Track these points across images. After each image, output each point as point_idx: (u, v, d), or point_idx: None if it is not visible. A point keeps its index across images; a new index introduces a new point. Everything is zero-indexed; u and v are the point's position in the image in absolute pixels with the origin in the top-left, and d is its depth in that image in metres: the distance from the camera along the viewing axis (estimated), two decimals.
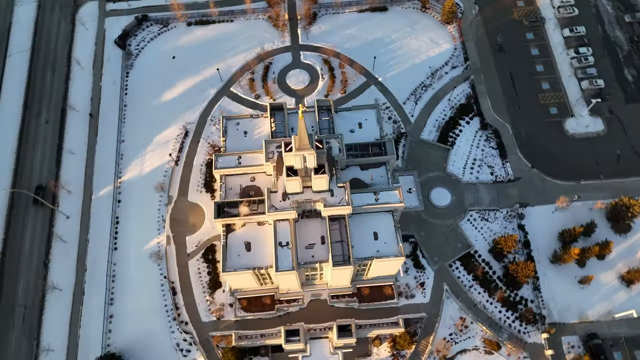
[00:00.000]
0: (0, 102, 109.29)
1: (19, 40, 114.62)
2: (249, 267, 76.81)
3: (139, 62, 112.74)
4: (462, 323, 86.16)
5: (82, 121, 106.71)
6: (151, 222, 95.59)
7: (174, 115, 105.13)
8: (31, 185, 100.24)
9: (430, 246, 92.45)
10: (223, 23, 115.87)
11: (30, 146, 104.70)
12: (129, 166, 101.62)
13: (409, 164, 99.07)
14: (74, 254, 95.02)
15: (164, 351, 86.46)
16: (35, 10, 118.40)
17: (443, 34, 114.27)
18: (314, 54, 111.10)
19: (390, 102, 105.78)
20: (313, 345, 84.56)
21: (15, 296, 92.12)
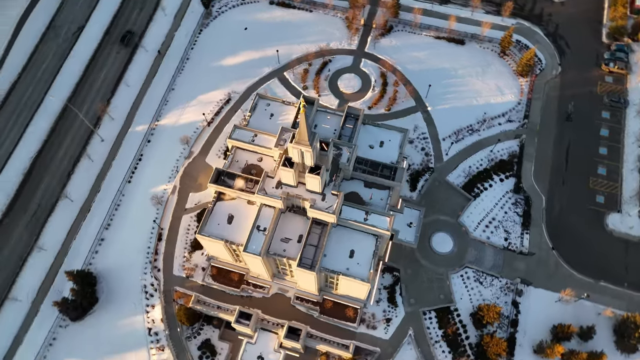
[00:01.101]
0: (89, 23, 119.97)
1: None
2: (223, 238, 78.63)
3: (214, 23, 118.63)
4: None
5: (147, 61, 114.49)
6: (166, 169, 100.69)
7: (224, 80, 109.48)
8: (84, 103, 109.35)
9: (412, 287, 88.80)
10: (302, 11, 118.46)
11: (97, 68, 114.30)
12: (169, 113, 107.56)
13: (423, 200, 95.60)
14: (95, 174, 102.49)
15: (131, 287, 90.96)
16: None
17: (512, 85, 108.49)
18: (374, 65, 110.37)
19: (430, 133, 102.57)
20: (261, 335, 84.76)
21: (35, 193, 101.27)
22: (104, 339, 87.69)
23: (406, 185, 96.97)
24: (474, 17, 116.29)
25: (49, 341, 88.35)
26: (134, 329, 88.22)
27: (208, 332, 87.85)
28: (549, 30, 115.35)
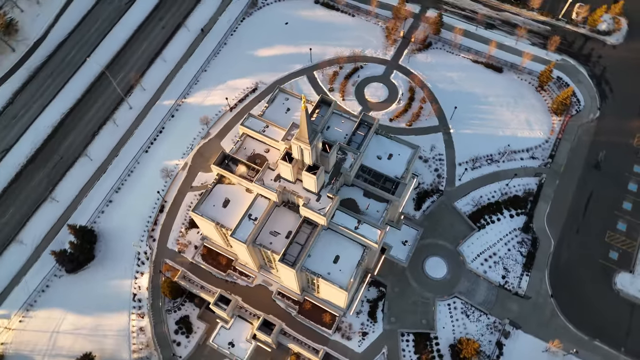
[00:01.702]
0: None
1: None
2: (215, 220, 79.85)
3: (258, 14, 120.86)
4: None
5: (187, 40, 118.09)
6: (182, 145, 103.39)
7: (255, 70, 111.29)
8: (120, 71, 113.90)
9: (396, 305, 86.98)
10: (344, 14, 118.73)
11: (140, 40, 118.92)
12: (196, 92, 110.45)
13: (426, 221, 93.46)
14: (117, 139, 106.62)
15: (126, 251, 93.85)
16: None
17: (543, 121, 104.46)
18: (404, 78, 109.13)
19: (447, 156, 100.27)
20: (237, 322, 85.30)
21: (59, 147, 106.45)
22: (92, 295, 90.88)
23: (411, 203, 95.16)
24: (517, 46, 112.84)
25: (42, 287, 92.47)
26: (120, 292, 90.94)
27: (188, 309, 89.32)
28: (594, 72, 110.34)
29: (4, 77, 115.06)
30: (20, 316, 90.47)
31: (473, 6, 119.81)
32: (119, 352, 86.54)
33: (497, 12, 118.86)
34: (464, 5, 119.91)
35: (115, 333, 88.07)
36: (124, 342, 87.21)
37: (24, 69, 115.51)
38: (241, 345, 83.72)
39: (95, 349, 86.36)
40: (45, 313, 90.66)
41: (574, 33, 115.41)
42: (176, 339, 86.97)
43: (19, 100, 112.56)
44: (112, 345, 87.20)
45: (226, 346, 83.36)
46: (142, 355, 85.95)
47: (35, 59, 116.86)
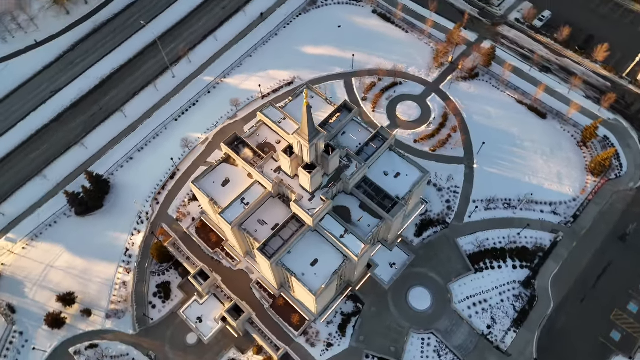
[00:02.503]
0: None
1: None
2: (209, 195, 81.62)
3: (315, 12, 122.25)
4: None
5: (242, 24, 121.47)
6: (208, 121, 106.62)
7: (296, 65, 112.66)
8: (173, 42, 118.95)
9: (368, 325, 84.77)
10: (398, 28, 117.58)
11: (197, 17, 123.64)
12: (236, 75, 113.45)
13: (422, 250, 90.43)
14: (153, 103, 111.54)
15: (131, 208, 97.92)
16: None
17: (576, 178, 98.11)
18: (441, 103, 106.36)
19: (463, 190, 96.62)
20: (210, 300, 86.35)
21: (101, 98, 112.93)
22: (91, 240, 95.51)
23: (413, 229, 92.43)
24: (569, 95, 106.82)
25: (51, 222, 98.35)
26: (116, 244, 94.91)
27: (172, 276, 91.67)
28: None
29: (73, 25, 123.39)
30: (24, 243, 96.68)
31: (533, 46, 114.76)
32: (99, 299, 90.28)
33: (557, 57, 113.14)
34: (524, 44, 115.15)
35: (100, 280, 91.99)
36: (105, 291, 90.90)
37: (90, 22, 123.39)
38: (208, 323, 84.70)
39: (79, 290, 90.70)
40: (47, 246, 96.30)
41: (635, 95, 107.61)
42: (153, 302, 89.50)
43: (79, 49, 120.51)
44: (95, 291, 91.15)
45: (194, 320, 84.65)
46: (118, 307, 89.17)
47: (103, 14, 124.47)
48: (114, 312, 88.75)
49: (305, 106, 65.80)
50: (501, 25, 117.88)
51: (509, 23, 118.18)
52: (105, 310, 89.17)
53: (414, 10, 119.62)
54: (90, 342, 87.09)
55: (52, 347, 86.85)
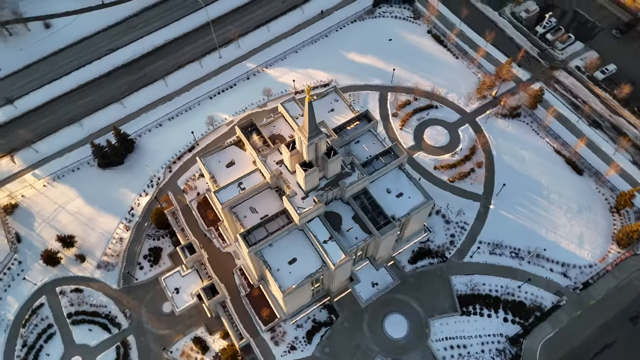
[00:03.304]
0: None
1: None
2: (211, 172, 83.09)
3: (370, 22, 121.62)
4: None
5: (296, 20, 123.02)
6: (239, 105, 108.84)
7: (337, 69, 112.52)
8: (226, 25, 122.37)
9: (337, 339, 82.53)
10: (449, 52, 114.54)
11: (255, 7, 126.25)
12: (278, 67, 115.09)
13: (412, 278, 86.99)
14: (194, 78, 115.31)
15: (146, 171, 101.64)
16: None
17: (598, 245, 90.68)
18: (472, 135, 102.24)
19: (471, 228, 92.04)
20: (192, 274, 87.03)
21: (148, 65, 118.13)
22: (104, 192, 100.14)
23: (408, 254, 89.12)
24: (613, 156, 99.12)
25: (74, 167, 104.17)
26: (124, 201, 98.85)
27: (165, 243, 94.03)
28: None
29: None
30: (46, 181, 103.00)
31: (588, 97, 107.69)
32: (95, 248, 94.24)
33: (611, 114, 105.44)
34: (578, 93, 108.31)
35: (101, 231, 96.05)
36: (103, 242, 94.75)
37: None
38: (184, 296, 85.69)
39: (79, 235, 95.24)
40: (64, 188, 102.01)
41: None
42: (142, 263, 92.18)
43: (143, 16, 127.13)
44: (93, 239, 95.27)
45: (172, 290, 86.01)
46: (109, 260, 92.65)
47: None
48: (104, 264, 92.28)
49: (307, 102, 65.31)
50: (559, 70, 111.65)
51: (568, 69, 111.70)
52: (97, 260, 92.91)
53: (470, 37, 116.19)
54: (76, 286, 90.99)
55: (42, 282, 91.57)
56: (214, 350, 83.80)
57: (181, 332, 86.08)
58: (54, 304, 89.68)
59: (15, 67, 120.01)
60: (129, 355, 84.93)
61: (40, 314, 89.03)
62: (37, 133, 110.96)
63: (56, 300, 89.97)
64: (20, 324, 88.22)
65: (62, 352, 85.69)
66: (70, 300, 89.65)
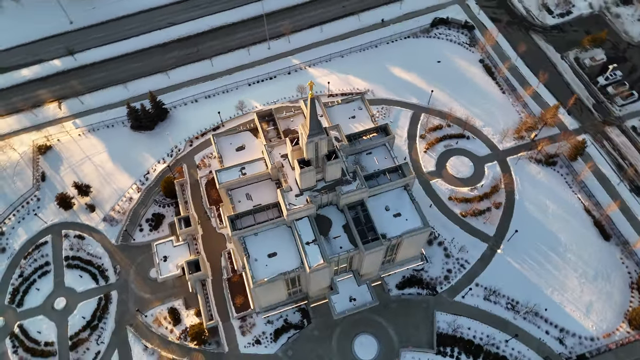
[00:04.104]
0: None
1: None
2: (220, 153, 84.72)
3: (423, 40, 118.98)
4: None
5: (350, 26, 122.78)
6: (273, 96, 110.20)
7: (377, 80, 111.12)
8: (280, 20, 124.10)
9: (302, 344, 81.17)
10: (496, 86, 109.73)
11: (314, 7, 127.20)
12: (320, 68, 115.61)
13: (395, 304, 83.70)
14: (240, 64, 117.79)
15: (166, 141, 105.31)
16: None
17: (606, 319, 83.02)
18: (498, 173, 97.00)
19: (471, 268, 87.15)
20: (182, 246, 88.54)
21: (202, 44, 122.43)
22: (128, 152, 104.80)
23: (398, 278, 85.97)
24: None
25: (109, 124, 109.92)
26: (143, 164, 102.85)
27: (168, 212, 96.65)
28: None
29: None
30: (82, 131, 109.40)
31: (637, 161, 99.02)
32: (106, 202, 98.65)
33: None
34: (627, 154, 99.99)
35: (115, 187, 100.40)
36: (114, 198, 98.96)
37: None
38: (169, 266, 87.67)
39: (95, 187, 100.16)
40: (95, 141, 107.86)
41: None
42: (142, 225, 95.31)
43: None
44: (106, 193, 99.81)
45: (160, 257, 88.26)
46: (115, 216, 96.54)
47: None
48: (110, 218, 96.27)
49: (310, 99, 64.69)
50: (612, 127, 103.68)
51: (623, 127, 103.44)
52: (105, 213, 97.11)
53: (522, 74, 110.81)
54: (80, 233, 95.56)
55: (51, 222, 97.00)
56: (185, 325, 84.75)
57: (160, 299, 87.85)
58: (56, 245, 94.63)
59: (84, 23, 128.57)
60: (108, 308, 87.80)
61: (42, 250, 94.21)
62: (87, 86, 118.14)
63: (59, 242, 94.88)
64: (22, 256, 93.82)
65: (50, 290, 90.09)
66: (71, 245, 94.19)
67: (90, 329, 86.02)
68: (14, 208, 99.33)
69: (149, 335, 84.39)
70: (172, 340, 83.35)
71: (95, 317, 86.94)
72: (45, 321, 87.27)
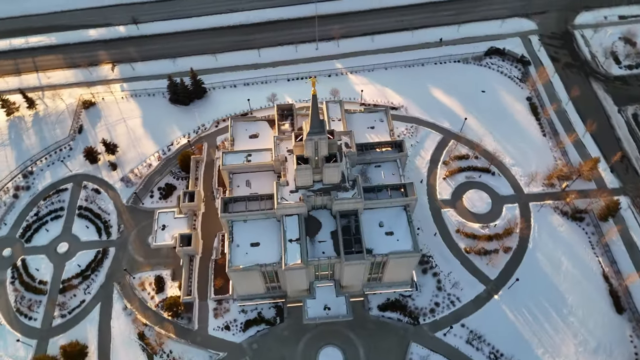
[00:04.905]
0: None
1: None
2: (233, 137, 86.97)
3: (473, 67, 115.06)
4: None
5: (402, 40, 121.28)
6: (304, 95, 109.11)
7: (413, 97, 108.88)
8: (334, 24, 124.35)
9: (269, 341, 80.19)
10: (538, 127, 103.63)
11: (368, 17, 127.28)
12: (360, 76, 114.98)
13: (373, 325, 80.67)
14: (285, 58, 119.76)
15: (200, 119, 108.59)
16: None
17: None
18: (517, 217, 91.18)
19: (462, 307, 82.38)
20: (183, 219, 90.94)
21: (258, 34, 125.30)
22: (159, 121, 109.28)
23: (382, 299, 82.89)
24: None
25: (150, 92, 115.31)
26: (170, 135, 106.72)
27: (181, 185, 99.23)
28: None
29: None
30: (125, 95, 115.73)
31: None
32: (128, 163, 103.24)
33: None
34: None
35: (139, 152, 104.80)
36: (135, 162, 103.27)
37: None
38: (165, 235, 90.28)
39: (122, 148, 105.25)
40: (134, 106, 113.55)
41: None
42: (154, 192, 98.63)
43: None
44: (131, 156, 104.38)
45: (160, 225, 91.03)
46: (132, 178, 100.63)
47: None
48: (127, 179, 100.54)
49: (312, 95, 64.14)
50: None
51: None
52: (124, 174, 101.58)
53: (569, 119, 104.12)
54: (97, 187, 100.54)
55: (75, 171, 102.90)
56: (167, 295, 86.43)
57: (151, 265, 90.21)
58: (74, 193, 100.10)
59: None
60: (102, 263, 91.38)
61: (60, 196, 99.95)
62: (142, 55, 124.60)
63: (77, 191, 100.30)
64: (42, 197, 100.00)
65: (58, 233, 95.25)
66: (87, 196, 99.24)
67: (82, 278, 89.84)
68: (47, 152, 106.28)
69: (131, 296, 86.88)
70: (149, 307, 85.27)
71: (89, 267, 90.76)
72: (46, 261, 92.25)
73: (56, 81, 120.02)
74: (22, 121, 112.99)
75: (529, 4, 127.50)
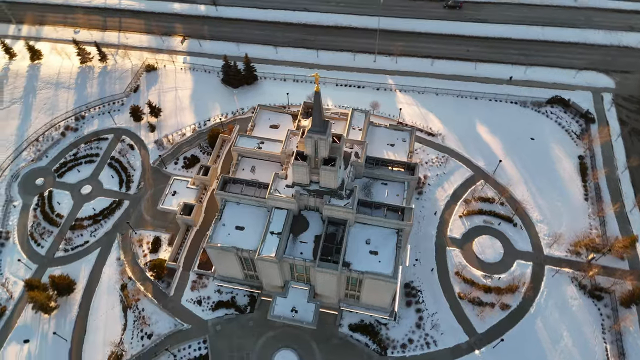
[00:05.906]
0: None
1: None
2: (254, 122, 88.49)
3: (529, 112, 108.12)
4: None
5: (462, 69, 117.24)
6: (345, 102, 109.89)
7: (454, 129, 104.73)
8: (399, 40, 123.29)
9: (233, 327, 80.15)
10: (583, 190, 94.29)
11: (435, 40, 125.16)
12: (407, 96, 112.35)
13: (338, 340, 77.77)
14: (343, 64, 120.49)
15: (243, 103, 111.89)
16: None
17: None
18: (527, 277, 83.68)
19: (437, 353, 77.02)
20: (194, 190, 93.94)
21: (314, 36, 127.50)
22: (207, 98, 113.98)
23: (356, 319, 79.79)
24: None
25: (209, 70, 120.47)
26: (209, 111, 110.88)
27: (205, 160, 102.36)
28: None
29: None
30: (185, 67, 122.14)
31: None
32: (165, 128, 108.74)
33: None
34: None
35: (178, 121, 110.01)
36: (172, 128, 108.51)
37: None
38: (172, 201, 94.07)
39: (165, 113, 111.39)
40: (188, 79, 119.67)
41: None
42: (179, 160, 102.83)
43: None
44: (170, 122, 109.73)
45: (171, 190, 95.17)
46: (165, 144, 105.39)
47: None
48: (160, 143, 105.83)
49: (315, 92, 63.49)
50: None
51: None
52: (159, 137, 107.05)
53: (620, 188, 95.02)
54: (133, 143, 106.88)
55: (119, 125, 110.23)
56: (158, 256, 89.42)
57: (154, 226, 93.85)
58: (112, 144, 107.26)
59: None
60: (114, 213, 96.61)
61: (100, 144, 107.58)
62: (211, 34, 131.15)
63: (115, 143, 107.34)
64: (85, 140, 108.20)
65: (87, 176, 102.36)
66: (121, 149, 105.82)
67: (93, 221, 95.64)
68: (102, 102, 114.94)
69: (127, 249, 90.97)
70: (138, 263, 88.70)
71: (102, 213, 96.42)
72: (68, 197, 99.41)
73: (131, 42, 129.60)
74: (92, 70, 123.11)
75: (614, 61, 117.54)
